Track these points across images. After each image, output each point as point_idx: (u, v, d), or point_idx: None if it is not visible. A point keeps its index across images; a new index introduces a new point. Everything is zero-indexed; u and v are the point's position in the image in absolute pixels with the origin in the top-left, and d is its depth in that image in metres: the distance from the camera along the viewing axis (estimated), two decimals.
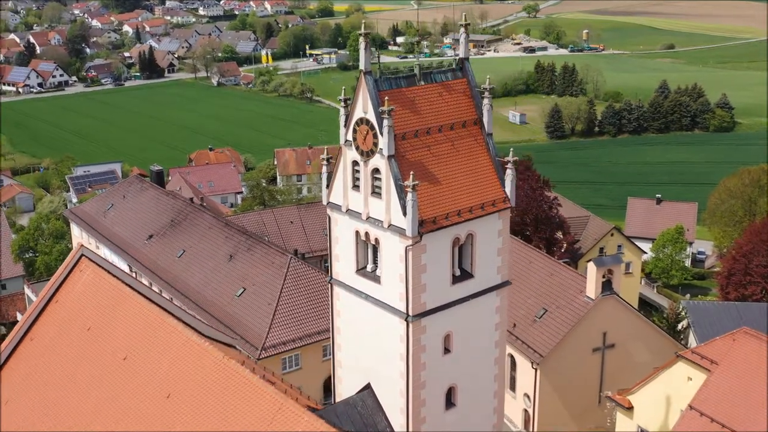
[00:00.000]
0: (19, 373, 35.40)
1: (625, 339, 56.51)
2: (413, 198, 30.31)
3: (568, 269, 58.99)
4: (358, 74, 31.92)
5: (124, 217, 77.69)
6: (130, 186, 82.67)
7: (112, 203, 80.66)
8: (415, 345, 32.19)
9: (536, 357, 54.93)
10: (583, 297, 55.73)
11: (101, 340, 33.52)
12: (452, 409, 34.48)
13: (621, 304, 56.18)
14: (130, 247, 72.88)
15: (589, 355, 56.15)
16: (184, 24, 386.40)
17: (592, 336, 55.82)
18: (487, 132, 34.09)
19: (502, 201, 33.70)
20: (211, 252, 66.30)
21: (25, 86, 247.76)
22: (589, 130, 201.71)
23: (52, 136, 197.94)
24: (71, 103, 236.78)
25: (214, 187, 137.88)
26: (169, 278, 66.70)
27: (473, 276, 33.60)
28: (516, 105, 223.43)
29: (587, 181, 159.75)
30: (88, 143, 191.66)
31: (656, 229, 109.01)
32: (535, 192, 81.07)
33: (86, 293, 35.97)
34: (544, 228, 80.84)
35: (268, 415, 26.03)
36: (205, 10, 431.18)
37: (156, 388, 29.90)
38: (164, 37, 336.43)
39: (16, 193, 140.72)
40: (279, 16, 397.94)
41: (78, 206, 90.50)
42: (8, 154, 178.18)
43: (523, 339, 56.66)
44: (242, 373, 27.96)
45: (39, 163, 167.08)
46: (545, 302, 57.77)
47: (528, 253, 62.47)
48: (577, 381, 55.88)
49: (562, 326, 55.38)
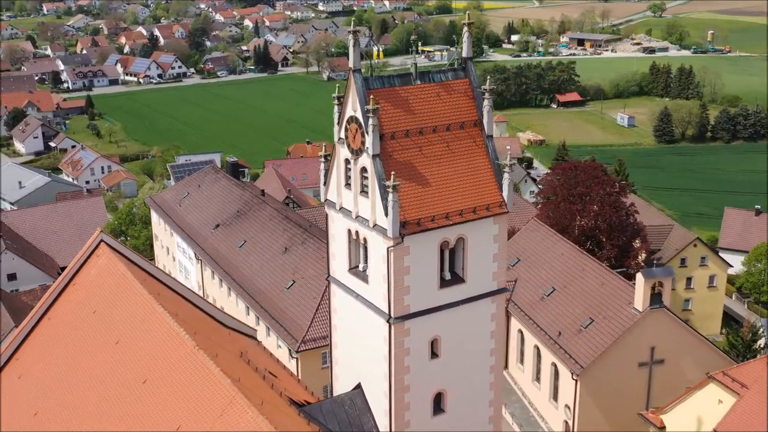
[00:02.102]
0: (34, 350, 37.15)
1: (675, 355, 53.99)
2: (394, 198, 29.90)
3: (620, 279, 56.77)
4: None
5: (197, 206, 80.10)
6: (206, 176, 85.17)
7: (188, 192, 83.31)
8: (397, 347, 31.79)
9: (577, 368, 53.23)
10: (631, 309, 53.58)
11: (102, 324, 34.72)
12: (441, 415, 33.85)
13: (671, 319, 53.69)
14: (197, 236, 75.10)
15: (634, 369, 53.93)
16: (303, 19, 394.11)
17: (638, 350, 53.59)
18: (487, 134, 33.10)
19: (497, 206, 32.70)
20: (269, 244, 67.53)
21: (146, 77, 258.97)
22: (701, 136, 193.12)
23: (165, 125, 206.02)
24: (187, 94, 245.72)
25: (307, 179, 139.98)
26: (228, 267, 68.39)
27: (465, 281, 32.84)
28: (625, 107, 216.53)
29: (690, 188, 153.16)
30: (197, 133, 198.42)
31: (752, 241, 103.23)
32: (610, 197, 78.40)
33: (98, 278, 37.34)
34: (618, 235, 78.02)
35: (218, 408, 26.29)
36: (324, 5, 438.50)
37: (136, 374, 30.71)
38: (282, 32, 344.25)
39: (122, 178, 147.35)
40: (396, 13, 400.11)
41: (158, 194, 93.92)
42: (121, 141, 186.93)
43: (566, 348, 55.03)
44: (207, 364, 28.28)
45: (148, 151, 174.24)
46: (593, 312, 55.87)
47: (581, 260, 60.58)
48: (620, 395, 53.76)
49: (606, 338, 53.44)
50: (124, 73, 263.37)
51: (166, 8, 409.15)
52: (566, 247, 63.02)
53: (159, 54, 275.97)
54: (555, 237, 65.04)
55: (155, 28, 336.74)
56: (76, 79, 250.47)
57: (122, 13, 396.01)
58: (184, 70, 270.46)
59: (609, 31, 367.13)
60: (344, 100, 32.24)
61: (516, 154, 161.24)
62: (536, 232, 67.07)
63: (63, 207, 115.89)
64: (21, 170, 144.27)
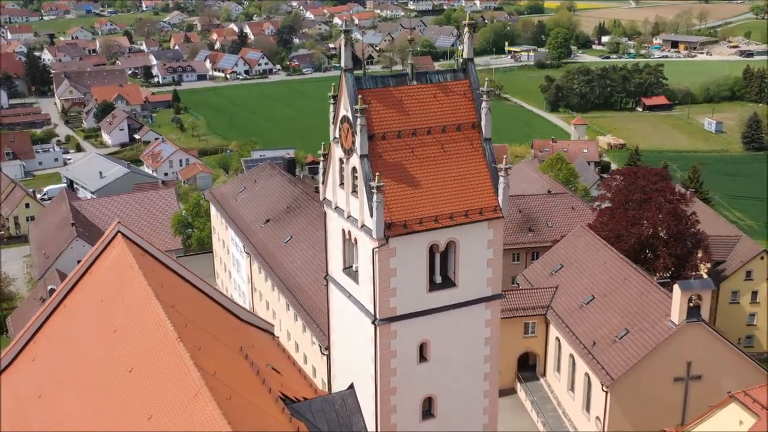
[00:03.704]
0: (49, 335, 38.46)
1: (713, 371, 51.92)
2: (378, 199, 29.66)
3: (661, 291, 54.79)
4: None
5: (251, 200, 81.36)
6: (262, 172, 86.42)
7: (245, 187, 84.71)
8: (383, 349, 31.55)
9: (607, 379, 51.76)
10: (667, 321, 51.72)
11: (106, 313, 35.69)
12: (430, 420, 33.42)
13: (709, 333, 51.66)
14: (248, 230, 76.28)
15: (669, 384, 52.12)
16: (392, 18, 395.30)
17: (673, 364, 51.77)
18: (485, 137, 32.44)
19: (491, 210, 32.01)
20: (313, 240, 67.95)
21: (233, 73, 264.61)
22: None
23: (247, 120, 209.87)
24: (271, 90, 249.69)
25: None
26: (272, 262, 69.22)
27: (456, 285, 32.30)
28: (713, 112, 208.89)
29: None
30: (276, 129, 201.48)
31: None
32: (670, 205, 75.85)
33: (110, 268, 38.40)
34: (676, 244, 75.42)
35: (185, 401, 26.63)
36: (414, 4, 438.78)
37: (125, 363, 31.42)
38: (370, 30, 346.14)
39: (198, 171, 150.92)
40: (487, 12, 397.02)
41: (217, 188, 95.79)
42: (202, 135, 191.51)
43: (598, 359, 53.58)
44: (183, 356, 28.68)
45: (227, 145, 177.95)
46: (629, 322, 54.20)
47: (624, 269, 58.84)
48: (653, 410, 52.02)
49: (640, 350, 51.78)
50: (212, 69, 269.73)
51: (259, 6, 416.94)
52: (610, 255, 61.30)
53: (247, 51, 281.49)
54: (599, 244, 63.36)
55: (246, 25, 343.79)
56: (166, 73, 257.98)
57: (216, 10, 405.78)
58: (270, 67, 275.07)
59: (705, 33, 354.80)
60: (338, 100, 32.13)
61: (592, 159, 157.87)
62: (582, 238, 65.50)
63: (137, 197, 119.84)
64: (103, 161, 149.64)
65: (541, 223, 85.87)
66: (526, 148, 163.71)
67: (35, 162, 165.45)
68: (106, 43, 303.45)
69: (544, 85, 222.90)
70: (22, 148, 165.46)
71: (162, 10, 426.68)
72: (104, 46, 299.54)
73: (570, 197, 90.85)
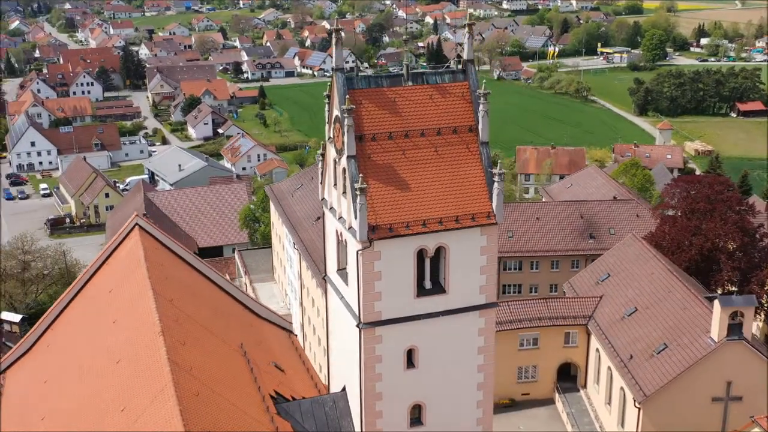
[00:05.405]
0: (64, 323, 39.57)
1: (755, 393, 49.32)
2: (362, 202, 29.21)
3: (704, 305, 52.28)
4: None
5: (306, 197, 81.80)
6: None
7: (302, 184, 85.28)
8: (367, 353, 31.07)
9: (640, 395, 49.75)
10: (707, 338, 49.33)
11: (111, 303, 36.52)
12: (419, 427, 32.74)
13: (752, 353, 48.96)
14: (299, 226, 76.76)
15: (707, 404, 49.80)
16: (485, 17, 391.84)
17: (711, 383, 49.41)
18: (482, 140, 31.51)
19: (484, 216, 31.05)
20: None
21: (320, 70, 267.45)
22: None
23: None
24: None
25: None
26: (319, 260, 69.40)
27: (446, 292, 31.52)
28: None
29: None
30: None
31: None
32: (736, 215, 72.42)
33: (122, 260, 39.25)
34: (742, 257, 71.95)
35: (152, 395, 26.88)
36: (508, 4, 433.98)
37: (115, 354, 31.97)
38: (461, 29, 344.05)
39: (274, 167, 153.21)
40: (582, 12, 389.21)
41: (277, 184, 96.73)
42: (284, 131, 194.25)
43: (633, 374, 51.58)
44: (160, 351, 28.94)
45: (307, 141, 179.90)
46: (668, 337, 51.99)
47: (669, 281, 56.51)
48: (689, 430, 49.65)
49: (676, 367, 49.62)
50: (300, 66, 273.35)
51: (353, 4, 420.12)
52: (657, 266, 58.93)
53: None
54: (648, 254, 61.00)
55: (334, 22, 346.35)
56: (255, 69, 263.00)
57: (310, 8, 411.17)
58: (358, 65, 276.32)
59: None
60: (331, 100, 31.83)
61: (676, 165, 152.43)
62: (631, 247, 63.23)
63: (210, 190, 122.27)
64: (183, 154, 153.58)
65: (603, 230, 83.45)
66: (607, 151, 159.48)
67: (122, 153, 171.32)
68: (200, 39, 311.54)
69: (632, 88, 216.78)
70: (110, 140, 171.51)
71: (258, 8, 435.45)
72: (199, 42, 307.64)
73: (636, 204, 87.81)
